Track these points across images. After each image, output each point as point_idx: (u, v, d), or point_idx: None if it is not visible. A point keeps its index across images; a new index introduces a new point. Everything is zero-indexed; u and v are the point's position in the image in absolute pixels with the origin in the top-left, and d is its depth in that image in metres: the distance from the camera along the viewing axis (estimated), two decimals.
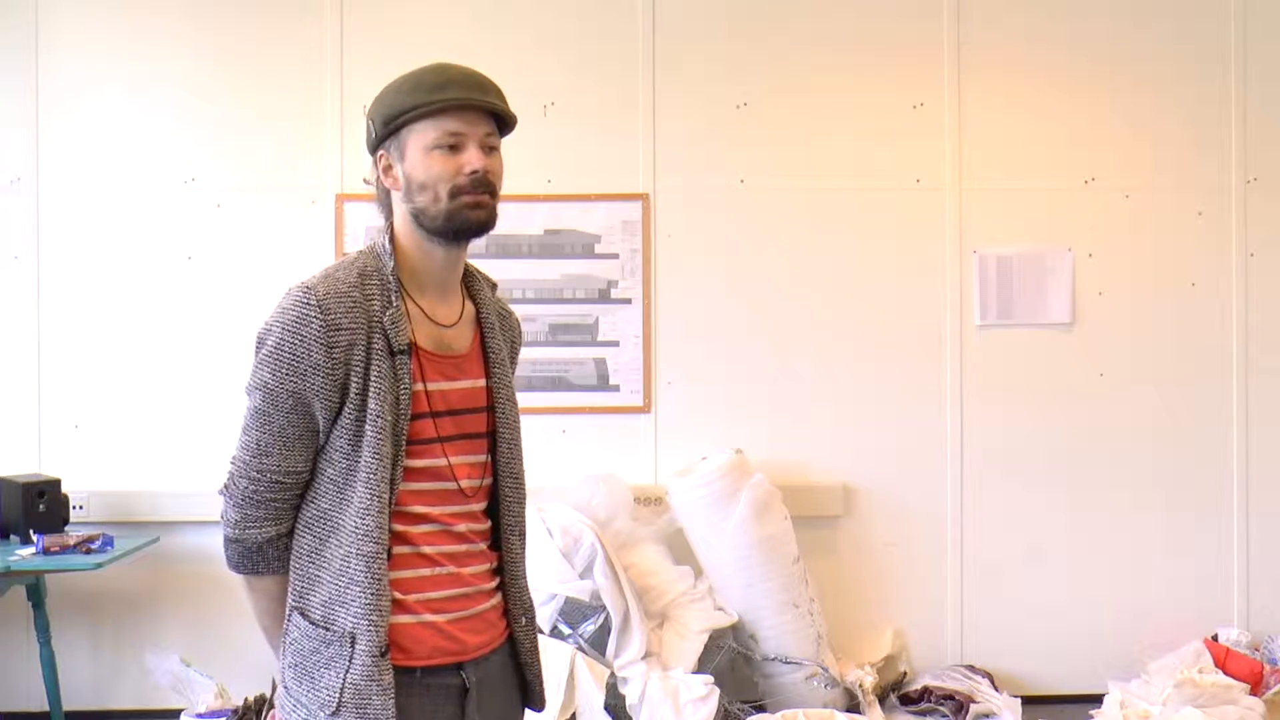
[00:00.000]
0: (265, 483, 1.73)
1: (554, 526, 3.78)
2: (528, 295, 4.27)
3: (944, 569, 4.33)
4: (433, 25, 4.27)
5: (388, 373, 1.71)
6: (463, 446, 1.82)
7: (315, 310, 1.68)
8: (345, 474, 1.71)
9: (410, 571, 1.75)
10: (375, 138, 1.79)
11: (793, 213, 4.32)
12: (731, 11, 4.33)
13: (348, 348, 1.69)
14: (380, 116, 1.78)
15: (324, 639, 1.71)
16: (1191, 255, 4.36)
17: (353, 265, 1.77)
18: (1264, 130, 4.35)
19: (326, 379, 1.69)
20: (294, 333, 1.68)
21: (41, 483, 3.91)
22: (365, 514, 1.69)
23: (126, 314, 4.23)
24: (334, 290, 1.71)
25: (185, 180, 4.25)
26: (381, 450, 1.69)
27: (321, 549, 1.73)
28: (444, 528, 1.79)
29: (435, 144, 1.75)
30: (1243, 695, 3.83)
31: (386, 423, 1.70)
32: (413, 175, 1.76)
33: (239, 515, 1.75)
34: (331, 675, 1.69)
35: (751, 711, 3.83)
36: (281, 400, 1.69)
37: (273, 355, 1.69)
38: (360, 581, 1.69)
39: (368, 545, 1.69)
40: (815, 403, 4.31)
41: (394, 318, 1.73)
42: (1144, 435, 4.33)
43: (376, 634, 1.68)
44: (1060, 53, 4.35)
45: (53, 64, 4.24)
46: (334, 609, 1.71)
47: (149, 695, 4.13)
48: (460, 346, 1.85)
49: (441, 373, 1.81)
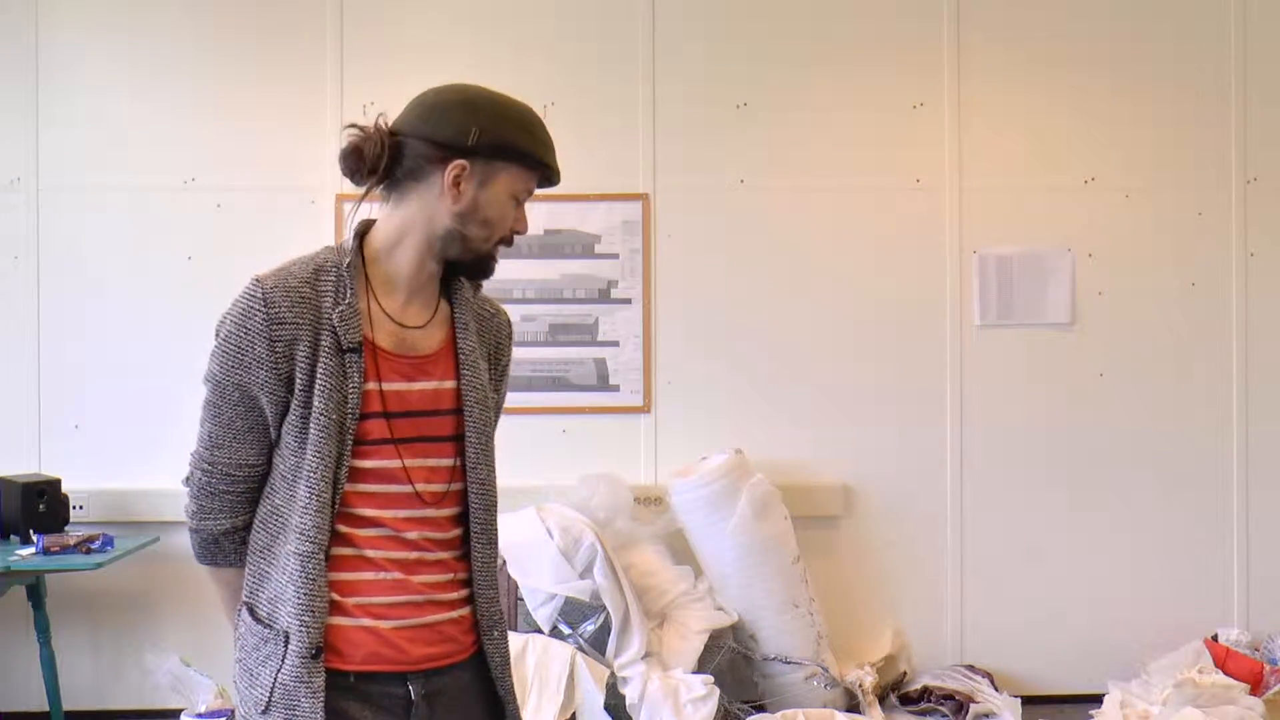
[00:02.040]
0: (217, 474, 1.72)
1: (554, 526, 3.78)
2: (528, 295, 4.27)
3: (944, 569, 4.33)
4: (433, 25, 4.27)
5: (335, 370, 1.68)
6: (422, 449, 1.75)
7: (260, 303, 1.67)
8: (294, 471, 1.69)
9: (351, 574, 1.71)
10: (469, 147, 1.70)
11: (793, 213, 4.32)
12: (731, 11, 4.33)
13: (290, 342, 1.67)
14: (493, 137, 1.70)
15: (264, 636, 1.69)
16: (1191, 255, 4.36)
17: (311, 260, 1.74)
18: (1264, 130, 4.35)
19: (269, 373, 1.67)
20: (239, 325, 1.68)
21: (41, 483, 3.91)
22: (305, 512, 1.67)
23: (126, 314, 4.23)
24: (282, 284, 1.69)
25: (185, 180, 4.25)
26: (324, 449, 1.67)
27: (273, 545, 1.71)
28: (393, 533, 1.73)
29: (516, 194, 1.77)
30: (1243, 695, 3.83)
31: (330, 421, 1.67)
32: (486, 208, 1.73)
33: (196, 506, 1.75)
34: (266, 673, 1.67)
35: (751, 711, 3.83)
36: (228, 392, 1.69)
37: (221, 347, 1.69)
38: (295, 580, 1.66)
39: (304, 544, 1.67)
40: (815, 403, 4.31)
41: (344, 314, 1.69)
42: (1144, 435, 4.33)
43: (308, 635, 1.65)
44: (1060, 53, 4.35)
45: (53, 64, 4.24)
46: (275, 607, 1.69)
47: (149, 695, 4.13)
48: (426, 347, 1.79)
49: (400, 373, 1.75)
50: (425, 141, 1.71)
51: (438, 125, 1.71)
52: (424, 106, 1.74)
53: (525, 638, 3.72)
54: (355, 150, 1.72)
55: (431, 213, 1.73)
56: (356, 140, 1.72)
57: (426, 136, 1.71)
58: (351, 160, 1.73)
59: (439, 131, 1.71)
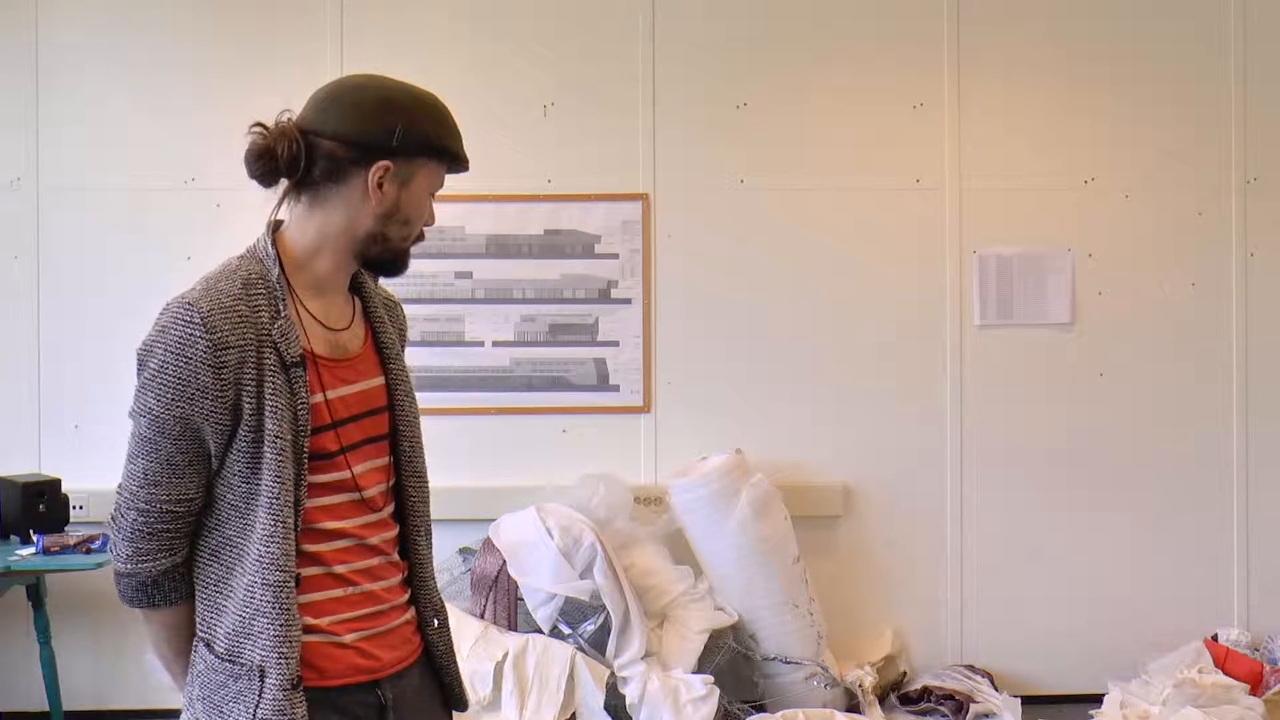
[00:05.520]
0: (156, 513, 1.60)
1: (554, 526, 3.78)
2: (528, 295, 4.27)
3: (944, 569, 4.33)
4: (433, 25, 4.27)
5: (283, 388, 1.59)
6: (367, 452, 1.73)
7: (200, 329, 1.55)
8: (246, 499, 1.60)
9: (321, 594, 1.67)
10: (392, 147, 1.64)
11: (793, 213, 4.32)
12: (731, 12, 4.33)
13: (237, 366, 1.57)
14: (415, 135, 1.65)
15: (231, 672, 1.61)
16: (1191, 255, 4.36)
17: (235, 274, 1.63)
18: (1264, 130, 4.35)
19: (216, 401, 1.56)
20: (177, 354, 1.55)
21: (41, 483, 3.91)
22: (269, 540, 1.58)
23: (126, 314, 4.21)
24: (218, 305, 1.57)
25: (185, 180, 4.25)
26: (283, 473, 1.59)
27: (228, 578, 1.62)
28: (357, 541, 1.70)
29: (432, 189, 1.73)
30: (1243, 695, 3.83)
31: (286, 443, 1.59)
32: (406, 206, 1.69)
33: (130, 549, 1.62)
34: (240, 710, 1.60)
35: (751, 711, 3.83)
36: (169, 427, 1.57)
37: (156, 379, 1.56)
38: (268, 613, 1.58)
39: (273, 574, 1.58)
40: (815, 403, 4.31)
41: (283, 329, 1.61)
42: (1144, 435, 4.33)
43: (287, 666, 1.59)
44: (1060, 53, 4.34)
45: (53, 64, 4.24)
46: (240, 641, 1.60)
47: (149, 695, 4.13)
48: (355, 347, 1.74)
49: (340, 378, 1.70)
50: (343, 143, 1.64)
51: (357, 125, 1.64)
52: (337, 104, 1.66)
53: (525, 638, 3.72)
54: (266, 152, 1.64)
55: (353, 215, 1.67)
56: (266, 141, 1.64)
57: (346, 137, 1.64)
58: (263, 162, 1.65)
59: (360, 132, 1.64)
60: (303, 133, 1.66)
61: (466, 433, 4.23)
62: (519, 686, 3.63)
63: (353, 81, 1.71)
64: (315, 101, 1.69)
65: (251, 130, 1.66)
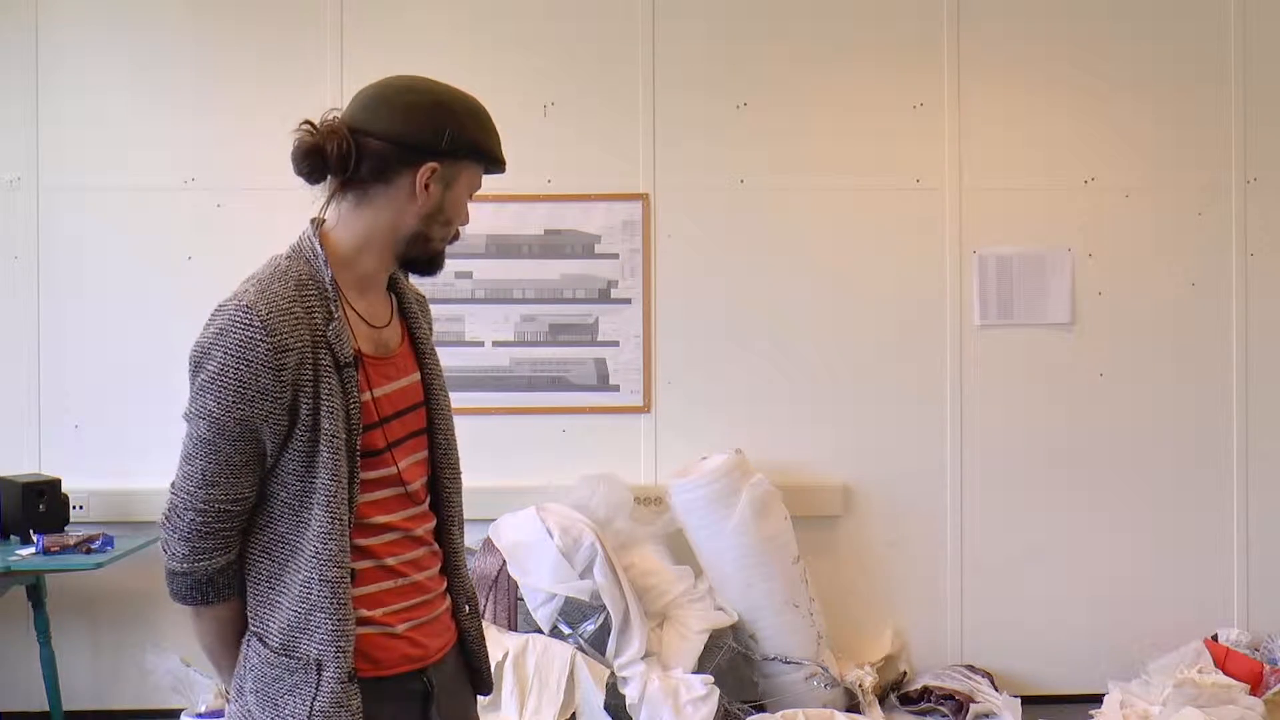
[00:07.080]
0: (213, 513, 1.63)
1: (554, 526, 3.78)
2: (528, 295, 4.27)
3: (944, 569, 4.33)
4: (433, 24, 4.27)
5: (337, 389, 1.63)
6: (409, 447, 1.78)
7: (260, 332, 1.57)
8: (300, 496, 1.64)
9: (374, 586, 1.71)
10: (441, 149, 1.67)
11: (793, 213, 4.32)
12: (731, 12, 4.33)
13: (296, 368, 1.60)
14: (465, 138, 1.69)
15: (286, 666, 1.64)
16: (1191, 255, 4.36)
17: (287, 275, 1.65)
18: (1264, 130, 4.35)
19: (275, 403, 1.59)
20: (238, 357, 1.57)
21: (41, 483, 3.91)
22: (327, 538, 1.62)
23: (126, 314, 4.23)
24: (276, 307, 1.59)
25: (185, 180, 4.25)
26: (339, 471, 1.63)
27: (281, 574, 1.65)
28: (404, 534, 1.75)
29: (472, 190, 1.76)
30: (1243, 695, 3.83)
31: (340, 441, 1.63)
32: (449, 207, 1.73)
33: (188, 548, 1.65)
34: (296, 702, 1.63)
35: (751, 711, 3.83)
36: (229, 428, 1.59)
37: (215, 381, 1.58)
38: (325, 608, 1.62)
39: (331, 570, 1.62)
40: (815, 403, 4.31)
41: (337, 330, 1.65)
42: (1144, 435, 4.33)
43: (344, 660, 1.63)
44: (1060, 53, 4.34)
45: (53, 64, 4.24)
46: (296, 635, 1.64)
47: (149, 695, 4.13)
48: (395, 344, 1.79)
49: (384, 375, 1.74)
50: (392, 143, 1.66)
51: (407, 126, 1.66)
52: (387, 105, 1.67)
53: (525, 638, 3.72)
54: (315, 149, 1.65)
55: (398, 214, 1.70)
56: (314, 139, 1.65)
57: (396, 138, 1.66)
58: (310, 160, 1.66)
59: (410, 133, 1.66)
60: (351, 131, 1.67)
61: (466, 433, 4.17)
62: (519, 686, 3.63)
63: (401, 82, 1.72)
64: (362, 101, 1.70)
65: (300, 128, 1.66)
